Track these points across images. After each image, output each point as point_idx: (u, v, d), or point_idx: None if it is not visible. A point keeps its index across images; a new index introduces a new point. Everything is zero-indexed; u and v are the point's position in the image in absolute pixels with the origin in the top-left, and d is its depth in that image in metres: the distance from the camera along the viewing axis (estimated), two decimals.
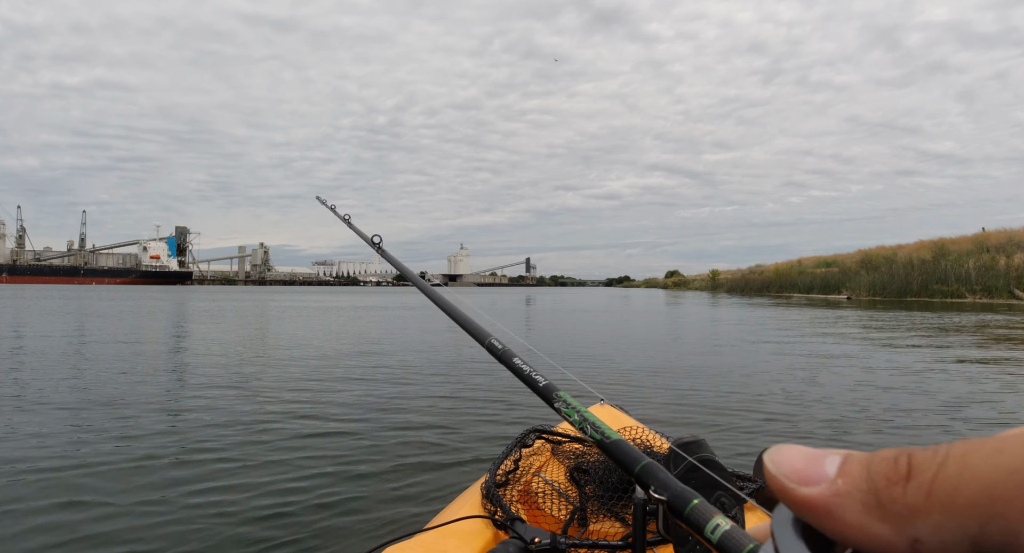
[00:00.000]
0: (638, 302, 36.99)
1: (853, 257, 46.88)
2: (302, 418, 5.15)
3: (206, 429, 4.72)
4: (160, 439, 4.38)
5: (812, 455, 0.21)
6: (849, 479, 0.20)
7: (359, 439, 4.45)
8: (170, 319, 17.97)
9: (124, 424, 4.78)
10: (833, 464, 0.21)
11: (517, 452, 1.78)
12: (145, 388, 6.29)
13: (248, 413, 5.29)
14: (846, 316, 19.68)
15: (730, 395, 6.10)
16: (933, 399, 5.82)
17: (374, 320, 18.40)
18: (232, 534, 2.79)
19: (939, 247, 37.28)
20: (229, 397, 6.00)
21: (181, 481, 3.48)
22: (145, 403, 5.55)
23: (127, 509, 3.06)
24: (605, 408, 2.55)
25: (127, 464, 3.76)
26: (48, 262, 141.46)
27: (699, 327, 15.88)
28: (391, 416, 5.21)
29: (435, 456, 4.00)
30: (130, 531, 2.80)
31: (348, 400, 5.94)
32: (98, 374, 7.14)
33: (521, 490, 1.66)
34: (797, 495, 0.21)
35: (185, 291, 62.99)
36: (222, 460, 3.91)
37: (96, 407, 5.36)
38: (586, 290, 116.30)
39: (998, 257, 31.00)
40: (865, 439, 4.52)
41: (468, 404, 5.71)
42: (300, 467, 3.76)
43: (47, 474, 3.53)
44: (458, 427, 4.81)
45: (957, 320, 17.24)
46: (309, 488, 3.39)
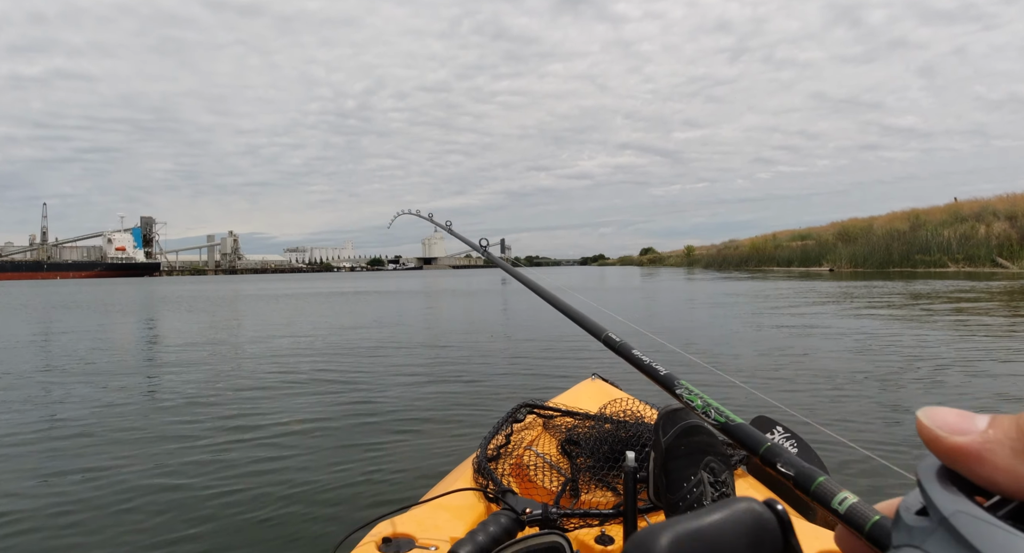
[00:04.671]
0: (616, 279, 36.81)
1: (828, 230, 46.97)
2: (293, 398, 5.29)
3: (191, 407, 4.96)
4: (155, 416, 4.50)
5: (963, 413, 0.23)
6: (1000, 429, 0.22)
7: (349, 418, 4.52)
8: (141, 311, 17.00)
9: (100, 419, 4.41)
10: (983, 419, 0.23)
11: (508, 427, 1.81)
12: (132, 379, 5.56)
13: (241, 391, 5.53)
14: (836, 287, 19.35)
15: (729, 367, 5.98)
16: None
17: (359, 303, 18.29)
18: (225, 512, 2.82)
19: (914, 217, 37.37)
20: (224, 376, 6.33)
21: (172, 460, 3.61)
22: (134, 391, 4.98)
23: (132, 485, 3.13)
24: (596, 382, 2.61)
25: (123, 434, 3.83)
26: (9, 258, 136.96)
27: (688, 303, 15.36)
28: (381, 395, 5.28)
29: (426, 433, 4.05)
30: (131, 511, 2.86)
31: (339, 379, 6.03)
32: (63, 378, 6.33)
33: (513, 464, 1.67)
34: (950, 442, 0.23)
35: (153, 283, 61.55)
36: (212, 440, 4.03)
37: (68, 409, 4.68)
38: (561, 269, 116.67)
39: (978, 226, 31.09)
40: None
41: (457, 382, 5.76)
42: (290, 446, 3.85)
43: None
44: (449, 405, 4.86)
45: (958, 286, 16.97)
46: (300, 467, 3.44)
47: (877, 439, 3.66)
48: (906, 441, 3.60)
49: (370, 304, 18.23)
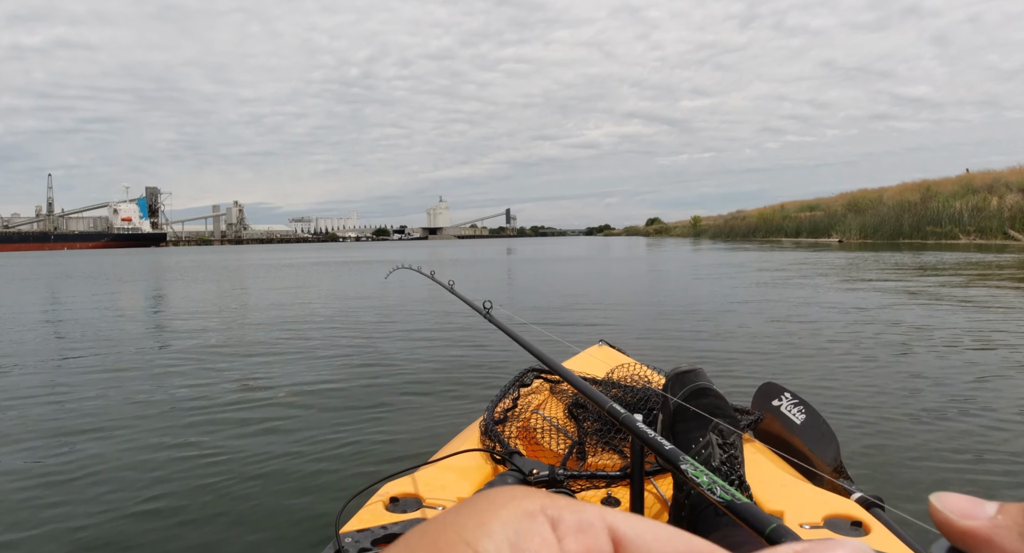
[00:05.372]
0: (620, 250, 36.72)
1: (837, 200, 46.49)
2: (302, 361, 5.36)
3: (200, 370, 5.05)
4: (161, 382, 4.56)
5: (973, 499, 0.24)
6: (1008, 515, 0.23)
7: (358, 381, 4.55)
8: (152, 280, 17.11)
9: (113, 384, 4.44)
10: (992, 506, 0.24)
11: (516, 391, 1.83)
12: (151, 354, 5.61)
13: (251, 356, 5.62)
14: (846, 259, 19.22)
15: (735, 337, 5.94)
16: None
17: (365, 273, 18.41)
18: (233, 471, 2.85)
19: (925, 189, 36.89)
20: (234, 341, 6.43)
21: (180, 421, 3.67)
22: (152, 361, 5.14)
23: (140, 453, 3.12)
24: (604, 348, 2.65)
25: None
26: (16, 229, 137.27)
27: (698, 274, 15.30)
28: (389, 359, 5.31)
29: (434, 396, 4.07)
30: (131, 481, 2.82)
31: (347, 344, 6.07)
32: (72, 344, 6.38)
33: (520, 427, 1.68)
34: (961, 526, 0.24)
35: (160, 253, 61.80)
36: (221, 401, 4.07)
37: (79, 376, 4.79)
38: (567, 239, 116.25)
39: (990, 198, 30.67)
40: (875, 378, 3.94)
41: (465, 347, 5.79)
42: (299, 407, 3.89)
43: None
44: (456, 369, 4.87)
45: (970, 259, 16.84)
46: (308, 427, 3.46)
47: (891, 403, 3.65)
48: (918, 409, 3.59)
49: (377, 273, 18.27)
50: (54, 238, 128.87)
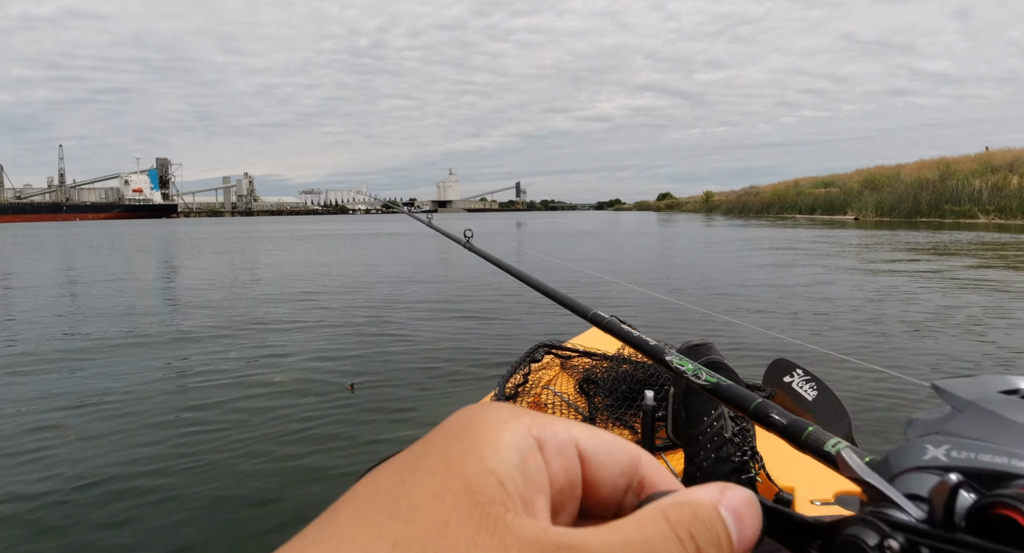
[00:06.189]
0: (630, 225, 36.52)
1: (853, 177, 45.80)
2: (315, 329, 5.45)
3: (215, 339, 5.13)
4: (164, 359, 4.47)
5: None
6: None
7: (369, 352, 4.59)
8: (169, 250, 17.24)
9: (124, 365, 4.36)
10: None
11: (526, 366, 1.80)
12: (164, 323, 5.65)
13: (266, 325, 5.70)
14: (862, 237, 19.02)
15: (750, 310, 5.97)
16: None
17: (375, 245, 18.47)
18: (247, 442, 2.86)
19: (944, 166, 36.21)
20: (247, 310, 6.55)
21: (194, 392, 3.71)
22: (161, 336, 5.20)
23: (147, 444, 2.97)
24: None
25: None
26: (29, 200, 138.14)
27: (711, 249, 15.21)
28: (400, 334, 5.30)
29: (444, 372, 4.06)
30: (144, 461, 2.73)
31: (360, 316, 6.09)
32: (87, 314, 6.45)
33: (531, 402, 1.68)
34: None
35: (172, 224, 62.20)
36: (234, 371, 4.12)
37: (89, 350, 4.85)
38: (577, 214, 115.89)
39: (1010, 176, 30.06)
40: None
41: (476, 321, 5.79)
42: (310, 380, 3.90)
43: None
44: (467, 345, 4.84)
45: (989, 239, 16.61)
46: (319, 398, 3.48)
47: (903, 380, 3.61)
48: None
49: (387, 245, 18.31)
50: (66, 209, 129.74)
